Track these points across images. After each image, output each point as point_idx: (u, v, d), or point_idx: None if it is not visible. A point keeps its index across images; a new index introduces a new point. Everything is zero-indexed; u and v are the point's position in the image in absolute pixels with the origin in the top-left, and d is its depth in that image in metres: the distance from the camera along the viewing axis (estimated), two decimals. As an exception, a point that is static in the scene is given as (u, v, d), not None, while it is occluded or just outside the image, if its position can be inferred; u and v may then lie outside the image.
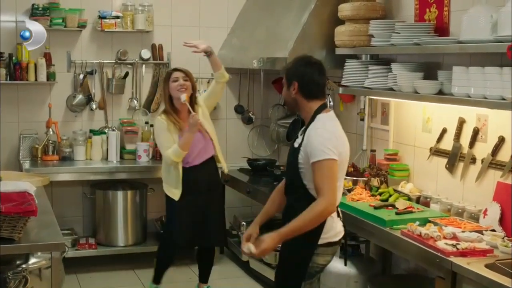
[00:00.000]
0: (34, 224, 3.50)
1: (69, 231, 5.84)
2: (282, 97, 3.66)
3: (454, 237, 3.35)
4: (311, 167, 3.14)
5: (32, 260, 4.30)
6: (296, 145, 3.30)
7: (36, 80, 5.66)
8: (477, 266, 3.00)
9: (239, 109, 6.42)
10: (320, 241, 3.25)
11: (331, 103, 5.37)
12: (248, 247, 3.16)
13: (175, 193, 4.67)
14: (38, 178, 4.67)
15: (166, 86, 4.69)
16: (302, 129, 3.35)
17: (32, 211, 3.16)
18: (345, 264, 4.10)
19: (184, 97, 4.55)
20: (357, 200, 4.14)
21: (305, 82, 3.26)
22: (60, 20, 5.67)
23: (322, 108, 3.29)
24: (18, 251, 3.33)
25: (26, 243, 3.25)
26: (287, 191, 3.42)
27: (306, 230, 3.11)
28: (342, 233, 3.37)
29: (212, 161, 4.82)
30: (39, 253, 3.87)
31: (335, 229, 3.30)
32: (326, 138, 3.14)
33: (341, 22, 4.66)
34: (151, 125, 6.05)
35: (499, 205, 3.55)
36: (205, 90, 6.12)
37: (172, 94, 4.66)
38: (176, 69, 4.75)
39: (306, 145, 3.18)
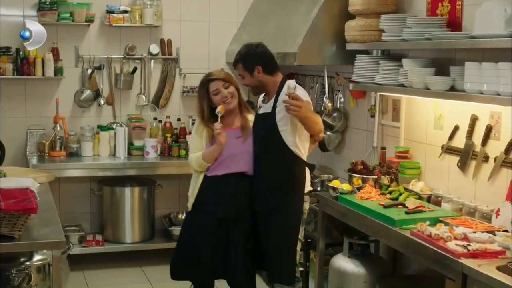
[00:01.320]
0: (36, 221, 3.46)
1: (76, 228, 5.80)
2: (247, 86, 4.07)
3: (465, 237, 3.25)
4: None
5: (36, 257, 4.27)
6: (268, 110, 3.84)
7: (43, 75, 5.64)
8: (488, 268, 2.91)
9: (249, 105, 6.32)
10: (305, 190, 3.96)
11: (342, 99, 5.30)
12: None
13: (190, 202, 4.09)
14: (43, 174, 4.63)
15: (204, 100, 3.99)
16: (262, 98, 4.05)
17: (32, 208, 3.11)
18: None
19: (219, 108, 3.91)
20: (366, 198, 4.04)
21: (265, 62, 3.90)
22: (68, 15, 5.63)
23: (285, 79, 3.92)
24: (18, 249, 3.28)
25: (27, 240, 3.19)
26: (261, 160, 3.94)
27: (311, 125, 3.78)
28: None
29: (244, 180, 4.00)
30: (44, 250, 3.83)
31: (308, 179, 4.05)
32: (302, 91, 3.84)
33: (352, 16, 4.56)
34: (160, 121, 6.00)
35: (512, 205, 3.45)
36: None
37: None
38: (211, 79, 4.00)
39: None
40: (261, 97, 4.12)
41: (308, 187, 4.05)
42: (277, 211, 3.91)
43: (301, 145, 3.91)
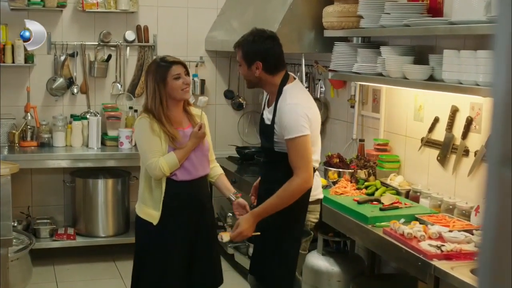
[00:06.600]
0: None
1: (48, 220, 5.59)
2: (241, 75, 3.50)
3: (440, 237, 3.06)
4: (285, 142, 3.13)
5: (-5, 254, 4.06)
6: (267, 121, 3.26)
7: (13, 62, 5.40)
8: (461, 271, 2.71)
9: (228, 95, 6.13)
10: (310, 199, 3.24)
11: (322, 89, 5.10)
12: (220, 236, 3.25)
13: (154, 216, 3.42)
14: (6, 165, 4.43)
15: (162, 85, 3.36)
16: (266, 99, 3.37)
17: (-25, 204, 2.91)
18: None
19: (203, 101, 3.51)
20: (341, 193, 3.85)
21: (268, 59, 3.21)
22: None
23: (286, 80, 3.24)
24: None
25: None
26: (266, 168, 3.40)
27: (280, 208, 3.09)
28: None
29: (205, 180, 3.60)
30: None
31: (319, 186, 3.38)
32: (299, 114, 3.10)
33: (330, 2, 4.35)
34: (135, 110, 5.79)
35: (492, 202, 3.24)
36: (194, 75, 5.88)
37: (174, 95, 3.38)
38: (173, 62, 3.42)
39: (280, 122, 3.15)
40: (265, 94, 3.46)
41: (319, 194, 3.37)
42: (269, 219, 3.20)
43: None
